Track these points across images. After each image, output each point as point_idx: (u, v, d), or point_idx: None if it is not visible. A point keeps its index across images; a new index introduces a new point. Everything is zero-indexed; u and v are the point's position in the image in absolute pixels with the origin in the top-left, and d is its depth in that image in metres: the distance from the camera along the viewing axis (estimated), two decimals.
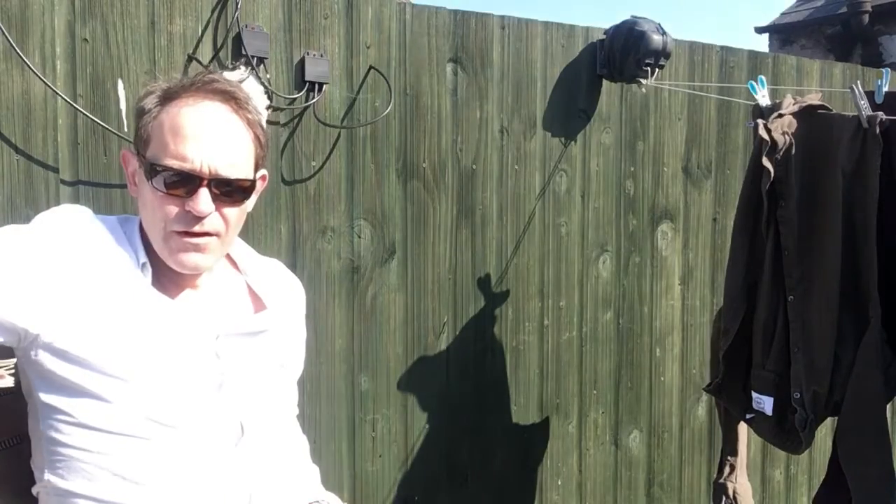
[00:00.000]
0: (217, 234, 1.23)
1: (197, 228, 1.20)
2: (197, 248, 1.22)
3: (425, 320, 2.47)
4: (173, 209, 1.19)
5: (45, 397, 1.17)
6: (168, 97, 1.21)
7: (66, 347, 1.15)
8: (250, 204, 1.30)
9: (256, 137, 1.25)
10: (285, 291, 1.42)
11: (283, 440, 1.39)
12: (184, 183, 1.18)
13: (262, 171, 1.32)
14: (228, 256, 1.37)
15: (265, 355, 1.32)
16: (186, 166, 1.17)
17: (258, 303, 1.35)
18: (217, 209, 1.21)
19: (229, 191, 1.21)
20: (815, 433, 2.10)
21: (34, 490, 1.25)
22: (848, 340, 2.01)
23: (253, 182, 1.25)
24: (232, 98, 1.22)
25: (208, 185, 1.18)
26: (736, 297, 2.19)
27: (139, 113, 1.23)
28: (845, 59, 6.18)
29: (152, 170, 1.18)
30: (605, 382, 2.86)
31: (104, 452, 1.16)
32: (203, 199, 1.18)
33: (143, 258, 1.22)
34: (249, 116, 1.24)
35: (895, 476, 1.97)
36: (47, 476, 1.19)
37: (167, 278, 1.25)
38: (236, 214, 1.25)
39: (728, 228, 2.66)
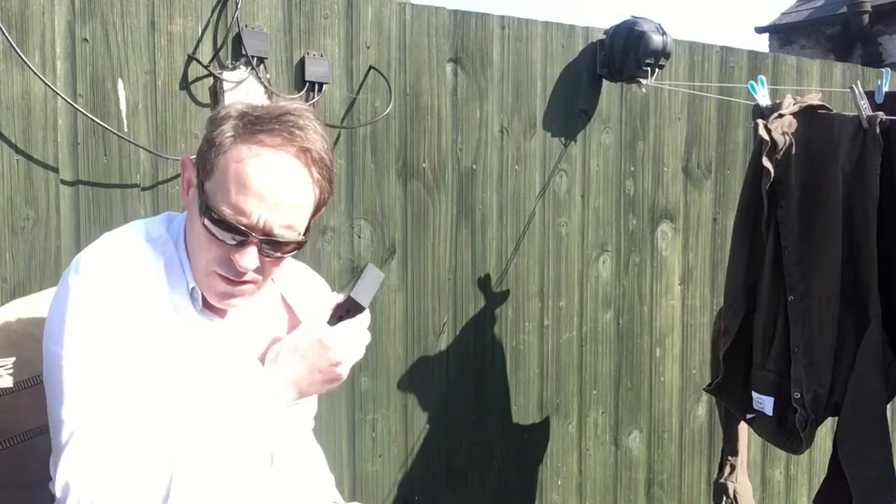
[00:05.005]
0: (255, 283, 1.22)
1: (236, 278, 1.18)
2: (233, 294, 1.21)
3: (425, 320, 2.47)
4: (218, 252, 1.17)
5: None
6: (246, 129, 1.15)
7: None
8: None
9: (321, 194, 1.21)
10: (313, 300, 1.42)
11: (305, 461, 1.41)
12: (235, 235, 1.14)
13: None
14: None
15: None
16: (243, 220, 1.13)
17: (291, 315, 1.36)
18: (260, 264, 1.18)
19: (277, 251, 1.18)
20: (815, 433, 2.10)
21: (52, 471, 1.24)
22: (848, 340, 2.01)
23: (303, 241, 1.21)
24: (308, 152, 1.17)
25: (258, 244, 1.16)
26: (736, 297, 2.19)
27: (213, 128, 1.16)
28: (845, 59, 6.18)
29: (206, 210, 1.14)
30: (605, 382, 2.86)
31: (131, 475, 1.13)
32: (249, 257, 1.15)
33: (193, 282, 1.21)
34: (318, 173, 1.19)
35: (895, 476, 1.98)
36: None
37: None
38: (278, 265, 1.23)
39: (728, 228, 2.66)
